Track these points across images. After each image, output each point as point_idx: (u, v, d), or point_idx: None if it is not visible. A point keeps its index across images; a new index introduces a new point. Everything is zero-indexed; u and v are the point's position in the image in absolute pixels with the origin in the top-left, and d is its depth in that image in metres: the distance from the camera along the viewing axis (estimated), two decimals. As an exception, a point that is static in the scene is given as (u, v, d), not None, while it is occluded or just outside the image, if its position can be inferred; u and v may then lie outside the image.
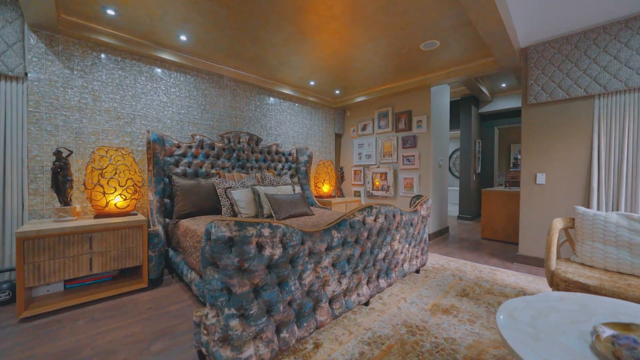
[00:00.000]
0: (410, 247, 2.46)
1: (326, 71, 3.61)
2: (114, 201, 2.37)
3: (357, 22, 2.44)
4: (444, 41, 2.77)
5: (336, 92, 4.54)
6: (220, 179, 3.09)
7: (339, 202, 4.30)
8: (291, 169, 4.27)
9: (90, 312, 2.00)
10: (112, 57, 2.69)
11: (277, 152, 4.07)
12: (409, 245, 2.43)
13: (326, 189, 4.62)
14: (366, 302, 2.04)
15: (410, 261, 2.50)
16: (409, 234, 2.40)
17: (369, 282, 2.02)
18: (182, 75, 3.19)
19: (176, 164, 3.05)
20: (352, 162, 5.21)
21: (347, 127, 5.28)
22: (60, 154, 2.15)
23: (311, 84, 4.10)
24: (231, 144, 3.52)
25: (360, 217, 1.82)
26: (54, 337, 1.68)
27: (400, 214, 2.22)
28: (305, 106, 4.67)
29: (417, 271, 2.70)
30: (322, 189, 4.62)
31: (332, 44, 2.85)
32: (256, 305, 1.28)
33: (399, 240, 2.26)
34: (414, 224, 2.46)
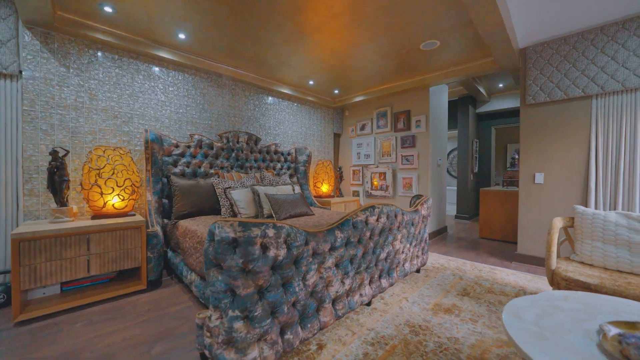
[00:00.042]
0: (411, 247, 2.47)
1: (325, 71, 3.60)
2: (111, 202, 2.34)
3: (357, 21, 2.43)
4: (444, 41, 2.78)
5: (335, 91, 4.53)
6: (219, 179, 3.07)
7: (338, 202, 4.29)
8: (290, 168, 4.25)
9: (88, 314, 1.96)
10: (109, 55, 2.64)
11: (276, 152, 4.05)
12: (410, 245, 2.43)
13: (325, 188, 4.61)
14: (368, 302, 2.04)
15: (411, 261, 2.50)
16: (410, 233, 2.41)
17: (371, 282, 2.02)
18: (181, 74, 3.15)
19: (174, 163, 3.01)
20: (350, 161, 5.21)
21: (346, 127, 5.28)
22: (56, 153, 2.11)
23: (310, 83, 4.09)
24: (230, 144, 3.49)
25: (362, 217, 1.81)
26: (52, 341, 1.65)
27: (401, 213, 2.22)
28: (304, 106, 4.66)
29: (417, 271, 2.71)
30: (321, 188, 4.61)
31: (332, 43, 2.84)
32: (260, 306, 1.26)
33: (401, 240, 2.26)
34: (414, 223, 2.46)
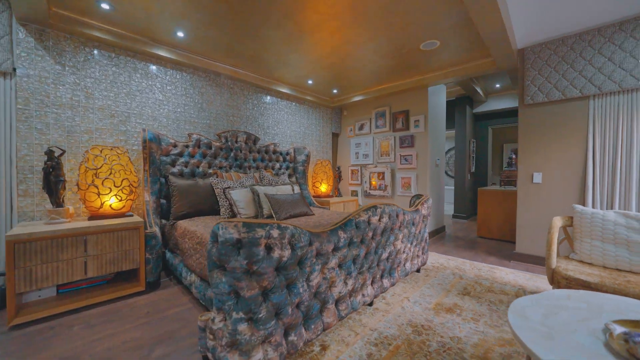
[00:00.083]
0: (412, 247, 2.47)
1: (325, 70, 3.59)
2: (109, 202, 2.29)
3: (358, 20, 2.43)
4: (443, 41, 2.79)
5: (334, 91, 4.52)
6: (217, 179, 3.03)
7: (337, 201, 4.29)
8: (289, 168, 4.23)
9: (85, 317, 1.92)
10: (105, 53, 2.60)
11: (274, 152, 4.03)
12: (410, 244, 2.44)
13: (324, 188, 4.60)
14: (370, 303, 2.03)
15: (412, 260, 2.50)
16: (411, 233, 2.41)
17: (373, 282, 2.01)
18: (179, 72, 3.11)
19: (172, 163, 2.97)
20: (349, 161, 5.20)
21: (344, 127, 5.27)
22: (52, 153, 2.06)
23: (309, 83, 4.07)
24: (228, 143, 3.46)
25: (365, 217, 1.80)
26: (49, 345, 1.61)
27: (402, 213, 2.22)
28: (302, 105, 4.64)
29: (418, 270, 2.71)
30: (319, 188, 4.60)
31: (332, 42, 2.83)
32: (265, 308, 1.25)
33: (402, 239, 2.26)
34: (415, 223, 2.46)
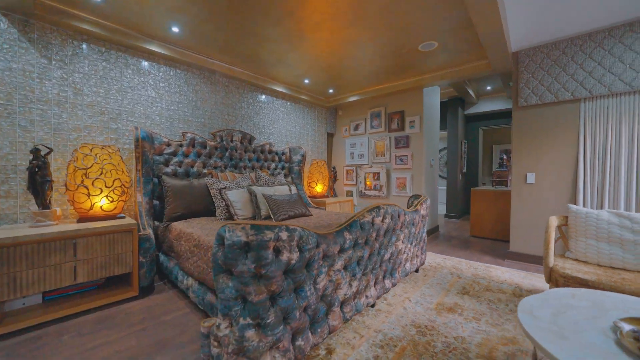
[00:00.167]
0: (411, 247, 2.47)
1: (322, 69, 3.56)
2: (99, 203, 2.19)
3: (359, 20, 2.41)
4: (442, 43, 2.81)
5: (330, 91, 4.50)
6: (213, 179, 2.96)
7: (333, 202, 4.27)
8: (284, 168, 4.18)
9: (75, 325, 1.82)
10: (95, 47, 2.48)
11: (270, 152, 3.97)
12: (410, 244, 2.44)
13: (320, 188, 4.57)
14: (372, 304, 2.02)
15: (411, 261, 2.51)
16: (411, 233, 2.41)
17: (376, 283, 2.00)
18: (172, 69, 3.01)
19: (166, 163, 2.87)
20: (344, 161, 5.20)
21: (339, 127, 5.26)
22: (38, 151, 1.94)
23: (305, 82, 4.03)
24: (224, 143, 3.38)
25: (369, 218, 1.79)
26: (36, 357, 1.51)
27: (404, 214, 2.22)
28: (297, 105, 4.59)
29: (416, 270, 2.72)
30: (315, 188, 4.57)
31: (332, 41, 2.81)
32: (273, 313, 1.20)
33: (403, 240, 2.26)
34: (415, 223, 2.47)
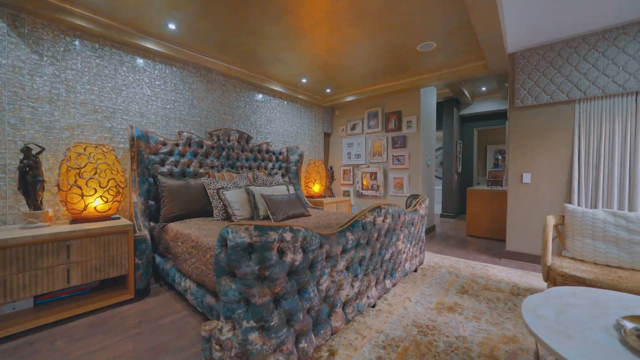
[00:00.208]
0: (411, 247, 2.48)
1: (320, 69, 3.54)
2: (93, 204, 2.13)
3: (359, 19, 2.40)
4: (440, 43, 2.83)
5: (327, 90, 4.48)
6: (210, 179, 2.91)
7: (330, 202, 4.25)
8: (281, 168, 4.15)
9: (68, 330, 1.76)
10: (88, 43, 2.41)
11: (267, 151, 3.93)
12: (410, 244, 2.44)
13: (317, 188, 4.56)
14: (373, 304, 2.01)
15: (410, 260, 2.51)
16: (411, 233, 2.41)
17: (376, 283, 1.99)
18: (168, 67, 2.95)
19: (162, 162, 2.81)
20: (341, 161, 5.19)
21: (336, 127, 5.25)
22: (29, 150, 1.88)
23: (303, 81, 4.01)
24: (220, 142, 3.34)
25: (371, 218, 1.78)
26: (29, 363, 1.46)
27: (404, 213, 2.22)
28: (294, 104, 4.57)
29: (415, 270, 2.73)
30: (312, 188, 4.55)
31: (331, 40, 2.79)
32: (277, 315, 1.18)
33: (403, 240, 2.26)
34: (414, 223, 2.47)
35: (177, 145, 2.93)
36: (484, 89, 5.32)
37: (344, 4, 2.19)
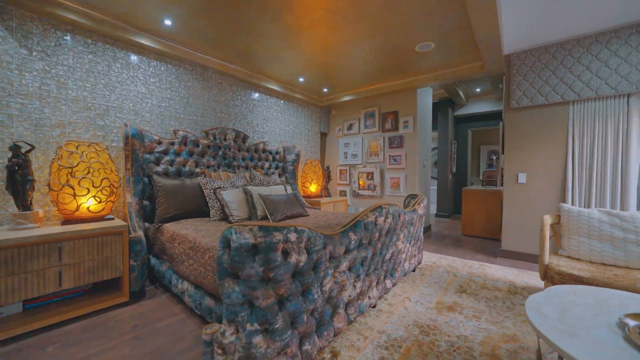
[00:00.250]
0: (410, 246, 2.48)
1: (318, 68, 3.52)
2: (86, 204, 2.06)
3: (360, 18, 2.39)
4: (438, 43, 2.84)
5: (324, 90, 4.47)
6: (206, 178, 2.86)
7: (327, 202, 4.24)
8: (278, 168, 4.11)
9: (61, 335, 1.70)
10: (80, 38, 2.33)
11: (264, 151, 3.89)
12: (409, 244, 2.45)
13: (314, 188, 4.54)
14: (374, 305, 2.00)
15: (409, 260, 2.52)
16: (410, 233, 2.42)
17: (377, 283, 1.99)
18: (163, 64, 2.89)
19: (157, 162, 2.75)
20: (337, 161, 5.18)
21: (333, 126, 5.24)
22: (18, 149, 1.80)
23: (300, 80, 3.98)
24: (217, 141, 3.28)
25: (372, 218, 1.77)
26: (19, 370, 1.39)
27: (403, 213, 2.22)
28: (291, 103, 4.53)
29: (413, 270, 2.74)
30: (309, 188, 4.53)
31: (330, 39, 2.77)
32: (281, 318, 1.16)
33: (402, 239, 2.26)
34: (413, 223, 2.48)
35: (172, 144, 2.86)
36: (478, 90, 5.38)
37: (345, 3, 2.17)
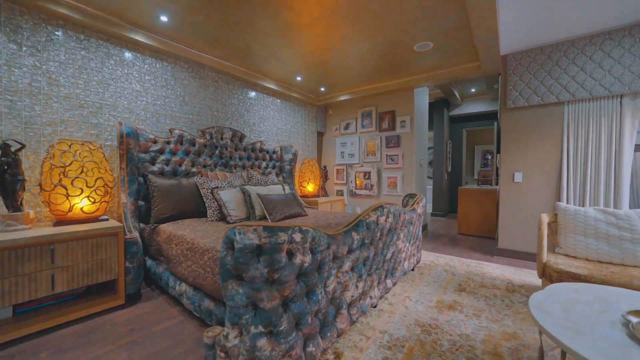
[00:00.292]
0: (409, 245, 2.48)
1: (316, 67, 3.50)
2: (79, 205, 2.00)
3: (360, 16, 2.38)
4: (437, 43, 2.85)
5: (321, 89, 4.45)
6: (202, 178, 2.81)
7: (325, 201, 4.22)
8: (275, 167, 4.08)
9: (55, 340, 1.64)
10: (73, 34, 2.26)
11: (261, 150, 3.85)
12: (408, 243, 2.45)
13: (311, 188, 4.51)
14: (375, 304, 2.00)
15: (409, 259, 2.52)
16: (410, 232, 2.42)
17: (378, 283, 1.98)
18: (159, 61, 2.82)
19: (152, 161, 2.69)
20: (334, 161, 5.17)
21: (329, 126, 5.23)
22: (8, 147, 1.74)
23: (297, 79, 3.95)
24: (213, 140, 3.23)
25: (374, 217, 1.76)
26: (10, 378, 1.34)
27: (403, 213, 2.22)
28: (288, 102, 4.50)
29: (412, 269, 2.74)
30: (306, 188, 4.51)
31: (328, 38, 2.76)
32: (286, 320, 1.14)
33: (402, 239, 2.26)
34: (412, 222, 2.48)
35: (168, 143, 2.81)
36: (473, 90, 5.44)
37: (345, 1, 2.16)
